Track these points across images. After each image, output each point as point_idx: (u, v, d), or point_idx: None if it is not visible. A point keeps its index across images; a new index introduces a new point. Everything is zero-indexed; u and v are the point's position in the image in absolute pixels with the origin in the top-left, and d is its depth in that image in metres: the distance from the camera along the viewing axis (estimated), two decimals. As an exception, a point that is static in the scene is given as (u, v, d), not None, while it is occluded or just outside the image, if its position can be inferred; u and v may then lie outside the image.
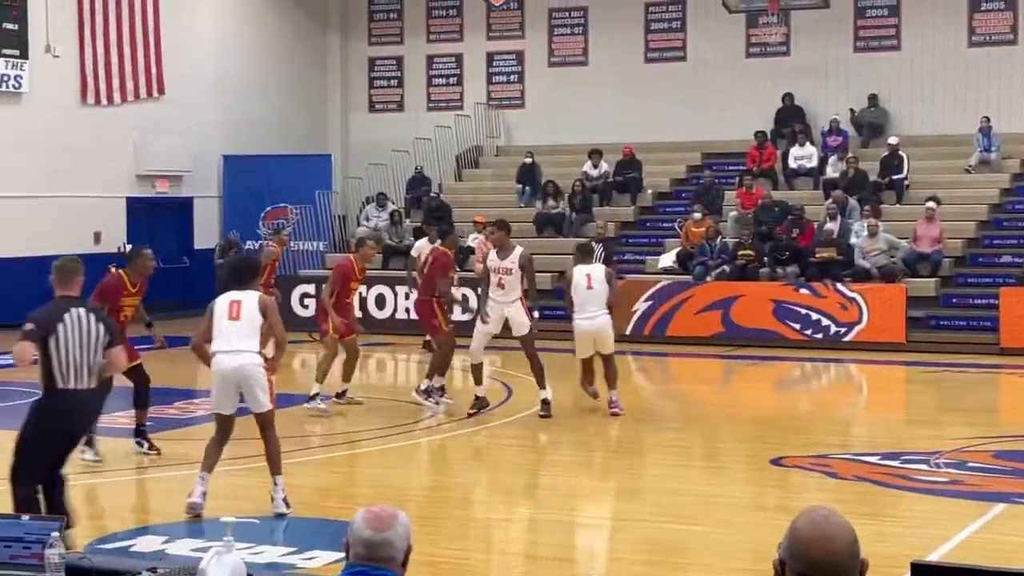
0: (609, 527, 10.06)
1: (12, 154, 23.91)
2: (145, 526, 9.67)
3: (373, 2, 30.78)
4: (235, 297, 9.95)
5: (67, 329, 8.18)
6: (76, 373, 8.21)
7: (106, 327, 8.42)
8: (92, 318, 8.35)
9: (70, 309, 8.28)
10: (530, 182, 26.58)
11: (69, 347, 8.18)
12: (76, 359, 8.21)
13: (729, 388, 18.78)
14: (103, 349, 8.34)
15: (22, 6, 24.25)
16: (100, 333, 8.31)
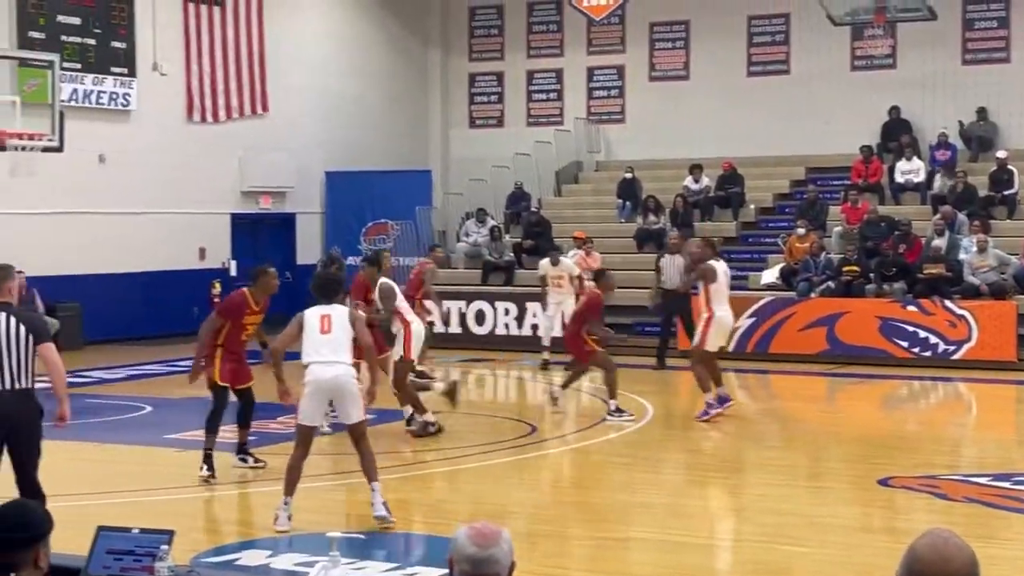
0: (712, 548, 10.00)
1: (119, 171, 24.34)
2: (251, 540, 9.76)
3: (474, 19, 30.95)
4: (324, 311, 10.14)
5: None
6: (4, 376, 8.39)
7: (29, 328, 8.50)
8: (14, 321, 8.46)
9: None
10: (630, 197, 26.53)
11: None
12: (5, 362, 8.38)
13: (834, 406, 18.58)
14: (29, 349, 8.44)
15: (130, 25, 24.71)
16: (22, 333, 8.42)
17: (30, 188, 20.61)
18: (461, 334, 23.65)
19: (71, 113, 20.55)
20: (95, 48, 24.10)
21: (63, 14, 23.60)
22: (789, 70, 27.85)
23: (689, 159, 26.60)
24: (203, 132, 26.17)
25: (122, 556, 5.33)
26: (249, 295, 12.43)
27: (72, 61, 23.28)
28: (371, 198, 27.62)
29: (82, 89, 23.79)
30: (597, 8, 23.16)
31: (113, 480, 12.40)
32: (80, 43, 23.82)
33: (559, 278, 20.45)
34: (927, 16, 22.15)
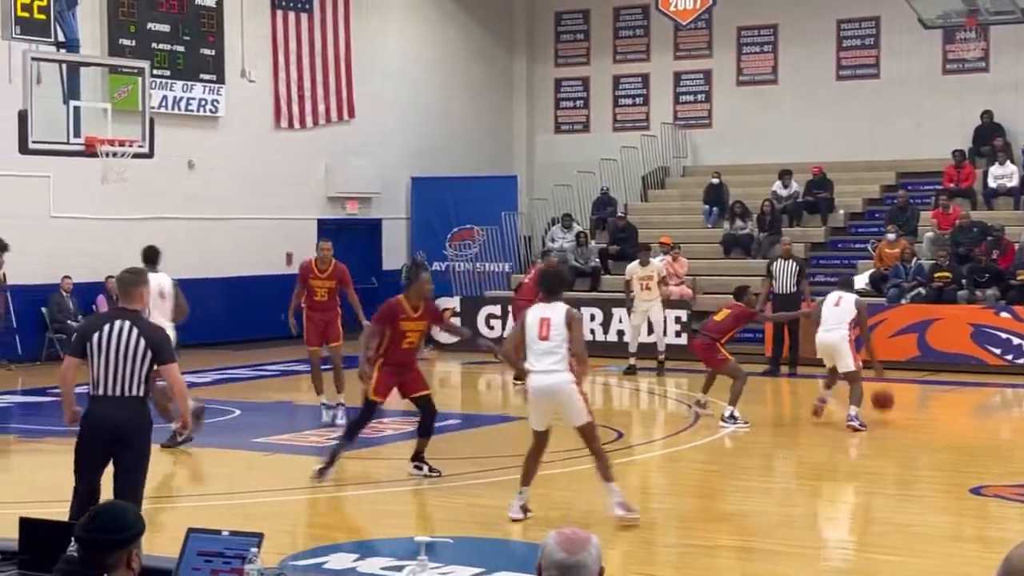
0: (801, 555, 9.92)
1: (208, 177, 24.64)
2: (338, 543, 9.82)
3: (560, 24, 30.97)
4: (544, 313, 10.24)
5: (102, 338, 8.32)
6: (108, 381, 8.32)
7: (149, 344, 8.36)
8: (136, 333, 8.34)
9: (114, 320, 8.42)
10: (717, 202, 26.42)
11: (106, 355, 8.29)
12: (111, 367, 8.30)
13: (925, 414, 18.37)
14: (145, 362, 8.33)
15: (219, 32, 25.01)
16: (141, 346, 8.30)
17: (121, 194, 20.90)
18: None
19: (161, 119, 20.81)
20: (184, 55, 24.42)
21: (153, 22, 23.94)
22: (879, 74, 27.60)
23: (777, 164, 26.45)
24: (290, 138, 26.42)
25: (212, 558, 5.39)
26: (404, 301, 12.25)
27: (162, 68, 23.61)
28: (456, 204, 27.72)
29: (172, 96, 24.12)
30: (684, 12, 23.09)
31: (203, 483, 12.55)
32: (170, 50, 24.15)
33: (648, 279, 20.49)
34: (1020, 19, 21.87)
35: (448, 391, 20.63)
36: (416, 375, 12.44)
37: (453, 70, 29.89)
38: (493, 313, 24.32)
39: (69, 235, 22.08)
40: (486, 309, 24.53)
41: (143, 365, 8.34)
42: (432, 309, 12.83)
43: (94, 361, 8.35)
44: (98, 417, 8.40)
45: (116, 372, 8.32)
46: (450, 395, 20.32)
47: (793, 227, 25.45)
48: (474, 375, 21.60)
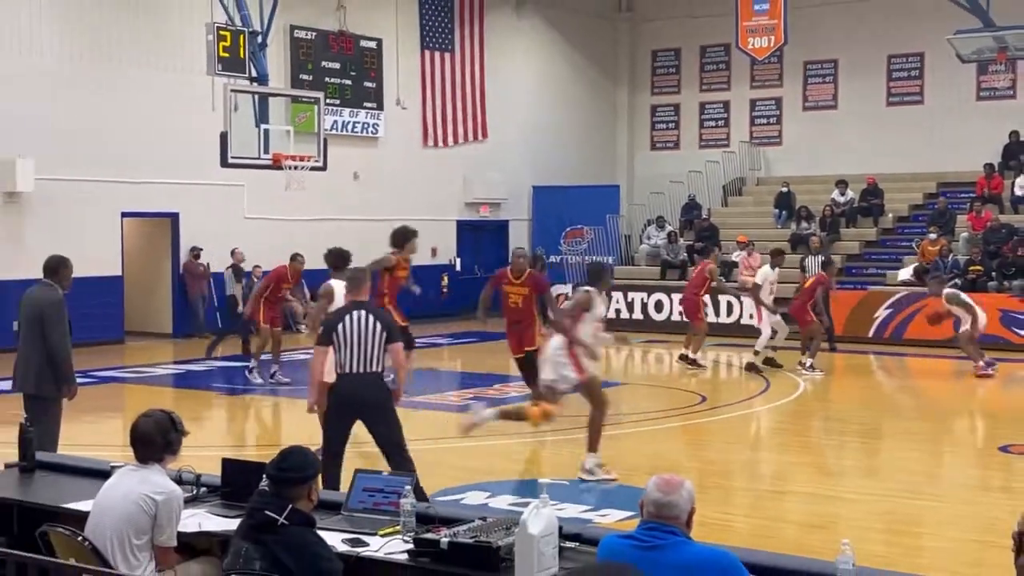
0: (853, 500, 9.79)
1: (369, 186, 24.89)
2: (474, 483, 9.88)
3: (655, 60, 30.74)
4: None
5: (347, 326, 8.31)
6: (354, 362, 8.30)
7: (384, 327, 8.36)
8: (372, 318, 8.35)
9: (352, 311, 8.43)
10: (786, 207, 26.07)
11: (351, 340, 8.28)
12: (355, 350, 8.29)
13: (960, 385, 17.95)
14: (382, 343, 8.29)
15: (378, 69, 25.23)
16: (378, 330, 8.30)
17: (300, 200, 21.21)
18: (643, 320, 23.57)
19: (332, 139, 21.08)
20: (351, 87, 24.67)
21: (327, 60, 24.22)
22: (923, 100, 26.99)
23: (836, 175, 26.02)
24: (435, 154, 26.57)
25: (374, 493, 5.47)
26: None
27: (333, 98, 23.88)
28: (569, 208, 27.67)
29: (341, 120, 24.39)
30: (759, 50, 22.75)
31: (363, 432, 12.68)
32: (339, 83, 24.41)
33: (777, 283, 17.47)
34: (1045, 53, 21.24)
35: (562, 361, 20.63)
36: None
37: (567, 98, 29.83)
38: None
39: (258, 232, 22.45)
40: (593, 294, 24.44)
41: (381, 346, 8.32)
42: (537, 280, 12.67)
43: (341, 346, 8.32)
44: (345, 392, 8.40)
45: (360, 353, 8.29)
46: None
47: (849, 228, 25.04)
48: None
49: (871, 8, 26.99)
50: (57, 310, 8.88)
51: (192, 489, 5.78)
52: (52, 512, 5.63)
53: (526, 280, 12.51)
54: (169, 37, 21.42)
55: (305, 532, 4.55)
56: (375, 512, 5.35)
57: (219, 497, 5.74)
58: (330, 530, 5.04)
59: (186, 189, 21.66)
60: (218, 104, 18.25)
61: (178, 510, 5.12)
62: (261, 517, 4.54)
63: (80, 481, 6.15)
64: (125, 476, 5.21)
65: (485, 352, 20.76)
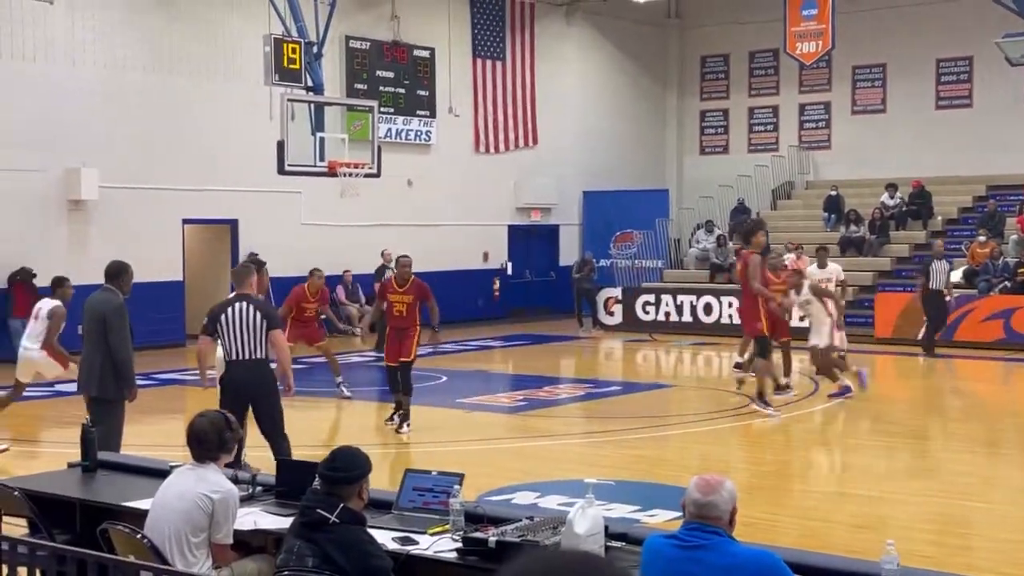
0: (902, 501, 9.68)
1: (424, 191, 24.98)
2: (524, 483, 9.87)
3: (705, 65, 30.62)
4: None
5: (229, 317, 8.81)
6: (239, 350, 8.82)
7: (263, 315, 8.86)
8: (252, 308, 8.84)
9: (235, 303, 8.90)
10: (835, 211, 25.85)
11: (234, 330, 8.78)
12: (238, 339, 8.80)
13: (1009, 387, 17.73)
14: (262, 332, 8.79)
15: (431, 77, 25.34)
16: (258, 319, 8.79)
17: (355, 206, 21.32)
18: (692, 322, 23.47)
19: (386, 147, 21.17)
20: (404, 96, 24.79)
21: (381, 69, 24.36)
22: (972, 104, 26.67)
23: (885, 179, 25.76)
24: (487, 160, 26.62)
25: (424, 492, 5.49)
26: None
27: (387, 106, 24.00)
28: (619, 212, 27.62)
29: (395, 128, 24.51)
30: (808, 54, 22.60)
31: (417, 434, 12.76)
32: (393, 92, 24.54)
33: (826, 281, 16.37)
34: (1095, 55, 20.90)
35: (611, 363, 20.62)
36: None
37: (617, 104, 29.78)
38: (648, 300, 24.21)
39: (315, 238, 22.61)
40: (642, 297, 24.42)
41: (262, 334, 8.84)
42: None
43: (225, 336, 8.85)
44: (233, 378, 8.89)
45: (242, 342, 8.82)
46: (612, 366, 20.31)
47: (898, 231, 24.77)
48: (633, 350, 21.53)
49: (919, 12, 26.71)
50: (118, 315, 9.01)
51: (248, 488, 5.85)
52: (113, 510, 5.71)
53: (411, 288, 12.42)
54: (227, 47, 21.65)
55: (356, 530, 4.58)
56: (425, 511, 5.38)
57: (274, 496, 5.80)
58: (381, 528, 5.07)
59: (245, 196, 21.87)
60: (275, 113, 18.42)
61: (234, 508, 5.18)
62: (313, 515, 4.58)
63: (140, 480, 6.24)
64: (183, 475, 5.27)
65: (536, 354, 20.77)
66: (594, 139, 28.83)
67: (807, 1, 22.04)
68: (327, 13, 19.10)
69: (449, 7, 25.63)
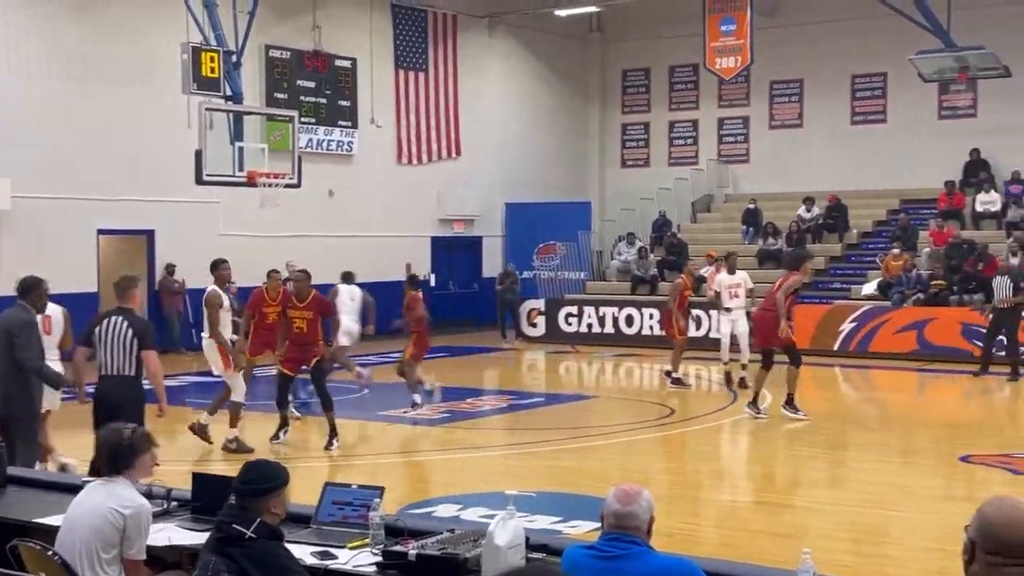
0: (820, 510, 9.80)
1: (345, 202, 24.84)
2: (445, 496, 9.83)
3: (626, 79, 30.86)
4: None
5: (103, 330, 8.75)
6: (110, 364, 8.76)
7: (136, 332, 8.75)
8: (125, 324, 8.73)
9: (112, 317, 8.81)
10: (753, 223, 26.17)
11: (107, 344, 8.72)
12: (110, 353, 8.74)
13: (923, 397, 18.07)
14: (133, 349, 8.70)
15: (353, 88, 25.22)
16: (130, 336, 8.70)
17: (275, 217, 21.11)
18: (614, 334, 23.61)
19: (307, 157, 21.01)
20: (326, 106, 24.64)
21: (302, 79, 24.20)
22: (886, 119, 27.20)
23: (802, 192, 26.15)
24: (409, 172, 26.55)
25: (344, 506, 5.43)
26: None
27: (308, 116, 23.83)
28: (542, 224, 27.69)
29: (316, 138, 24.34)
30: (727, 70, 22.87)
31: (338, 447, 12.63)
32: (314, 102, 24.37)
33: (736, 287, 17.22)
34: (1003, 73, 21.41)
35: (534, 375, 20.64)
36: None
37: (540, 116, 29.89)
38: (571, 312, 24.29)
39: (234, 248, 22.28)
40: (565, 308, 24.51)
41: (133, 351, 8.74)
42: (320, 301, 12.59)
43: (99, 349, 8.78)
44: (101, 392, 8.84)
45: (113, 357, 8.75)
46: (535, 378, 20.33)
47: (815, 244, 25.14)
48: (555, 362, 21.57)
49: (835, 29, 27.18)
50: (27, 332, 8.86)
51: (162, 503, 5.73)
52: (23, 527, 5.57)
53: (311, 303, 12.31)
54: (144, 56, 21.35)
55: (273, 545, 4.50)
56: (344, 525, 5.31)
57: (189, 511, 5.69)
58: (299, 543, 4.99)
59: (162, 206, 21.57)
60: (193, 122, 18.16)
61: (146, 524, 5.07)
62: (229, 531, 4.49)
63: (51, 496, 6.10)
64: (94, 491, 5.15)
65: (459, 366, 20.72)
66: (517, 151, 28.90)
67: (726, 17, 22.31)
68: (246, 22, 18.91)
69: (371, 18, 25.54)
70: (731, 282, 17.30)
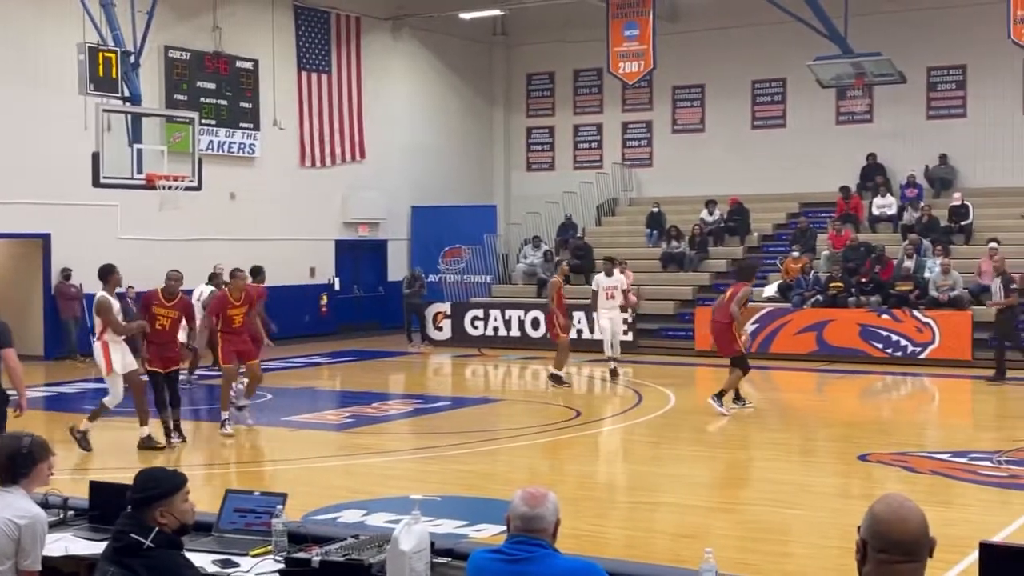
0: (721, 509, 9.93)
1: (248, 205, 24.55)
2: (349, 502, 9.77)
3: (530, 83, 30.98)
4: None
5: None
6: None
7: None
8: None
9: None
10: (657, 227, 26.45)
11: None
12: None
13: (822, 396, 18.42)
14: None
15: (255, 89, 24.94)
16: None
17: (175, 220, 20.80)
18: (520, 337, 23.67)
19: (208, 160, 20.73)
20: (227, 107, 24.33)
21: (202, 80, 23.86)
22: (786, 124, 27.69)
23: (704, 196, 26.49)
24: (313, 175, 26.34)
25: (246, 514, 5.36)
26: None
27: (209, 118, 23.51)
28: (447, 227, 27.70)
29: (217, 140, 24.02)
30: (630, 74, 23.08)
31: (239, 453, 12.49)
32: (215, 103, 24.05)
33: (612, 288, 18.58)
34: (898, 80, 21.97)
35: (440, 378, 20.61)
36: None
37: (445, 119, 29.87)
38: (477, 316, 24.31)
39: (133, 253, 21.93)
40: (471, 312, 24.51)
41: None
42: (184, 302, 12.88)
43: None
44: None
45: None
46: (441, 381, 20.30)
47: (717, 247, 25.49)
48: (461, 365, 21.57)
49: (735, 35, 27.60)
50: None
51: (59, 512, 5.61)
52: (-90, 540, 5.38)
53: (177, 304, 12.64)
54: (39, 55, 20.87)
55: (172, 554, 4.41)
56: (247, 532, 5.24)
57: (87, 520, 5.58)
58: (200, 551, 4.92)
59: (57, 209, 21.10)
60: (90, 123, 17.81)
61: (42, 533, 4.94)
62: (126, 540, 4.39)
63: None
64: (-13, 501, 5.00)
65: (364, 370, 20.60)
66: (422, 154, 28.84)
67: (629, 22, 22.52)
68: (145, 22, 18.59)
69: (273, 19, 25.29)
70: (608, 284, 18.58)
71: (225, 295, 13.77)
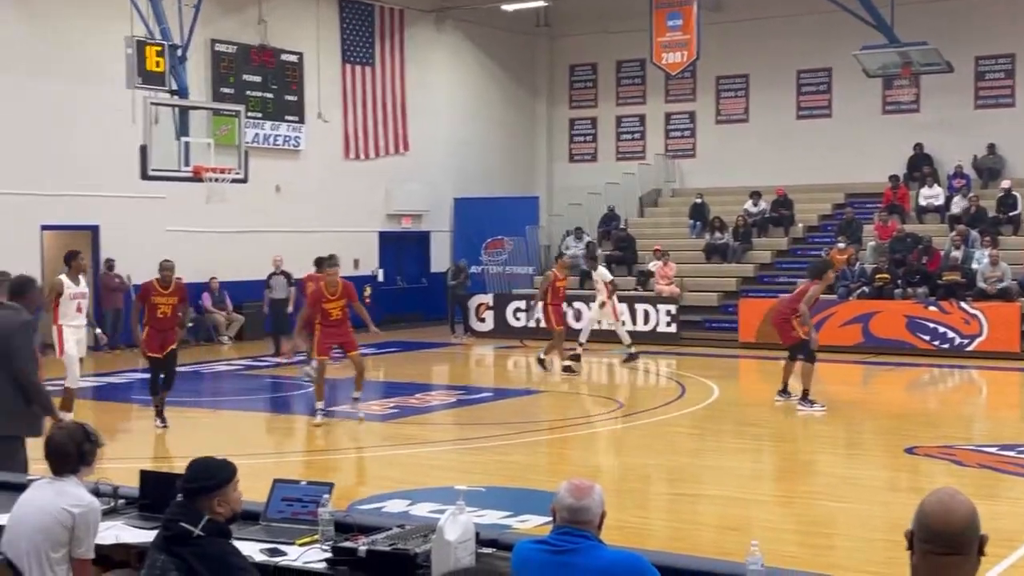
0: (767, 502, 9.89)
1: (291, 198, 24.69)
2: (395, 491, 9.82)
3: (573, 74, 30.92)
4: None
5: None
6: None
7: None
8: None
9: None
10: (700, 218, 26.34)
11: None
12: None
13: (868, 389, 18.28)
14: None
15: (300, 82, 25.07)
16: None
17: (221, 212, 20.97)
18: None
19: (253, 152, 20.88)
20: (273, 100, 24.48)
21: (248, 74, 24.02)
22: (831, 114, 27.46)
23: (748, 187, 26.35)
24: (357, 167, 26.44)
25: (293, 503, 5.40)
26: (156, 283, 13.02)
27: (255, 111, 23.67)
28: (490, 219, 27.69)
29: (262, 133, 24.17)
30: (673, 65, 22.99)
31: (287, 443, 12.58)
32: (261, 96, 24.20)
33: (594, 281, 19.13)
34: (945, 69, 21.72)
35: (482, 369, 20.66)
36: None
37: (488, 111, 29.87)
38: (519, 307, 24.32)
39: (179, 244, 22.12)
40: (513, 303, 24.53)
41: None
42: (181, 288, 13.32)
43: None
44: None
45: None
46: (484, 373, 20.34)
47: (761, 238, 25.35)
48: (504, 357, 21.60)
49: (780, 25, 27.41)
50: (24, 335, 7.57)
51: (110, 501, 5.67)
52: (-35, 527, 5.48)
53: (175, 290, 13.21)
54: (89, 49, 21.09)
55: (221, 543, 4.47)
56: (293, 521, 5.29)
57: (137, 509, 5.64)
58: (248, 540, 4.97)
59: (106, 201, 21.33)
60: (138, 117, 18.00)
61: (95, 522, 5.01)
62: (176, 529, 4.46)
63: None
64: (41, 489, 5.08)
65: (407, 361, 20.70)
66: (465, 146, 28.87)
67: (672, 12, 22.43)
68: (192, 16, 18.74)
69: (317, 12, 25.41)
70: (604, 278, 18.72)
71: (320, 290, 13.76)
